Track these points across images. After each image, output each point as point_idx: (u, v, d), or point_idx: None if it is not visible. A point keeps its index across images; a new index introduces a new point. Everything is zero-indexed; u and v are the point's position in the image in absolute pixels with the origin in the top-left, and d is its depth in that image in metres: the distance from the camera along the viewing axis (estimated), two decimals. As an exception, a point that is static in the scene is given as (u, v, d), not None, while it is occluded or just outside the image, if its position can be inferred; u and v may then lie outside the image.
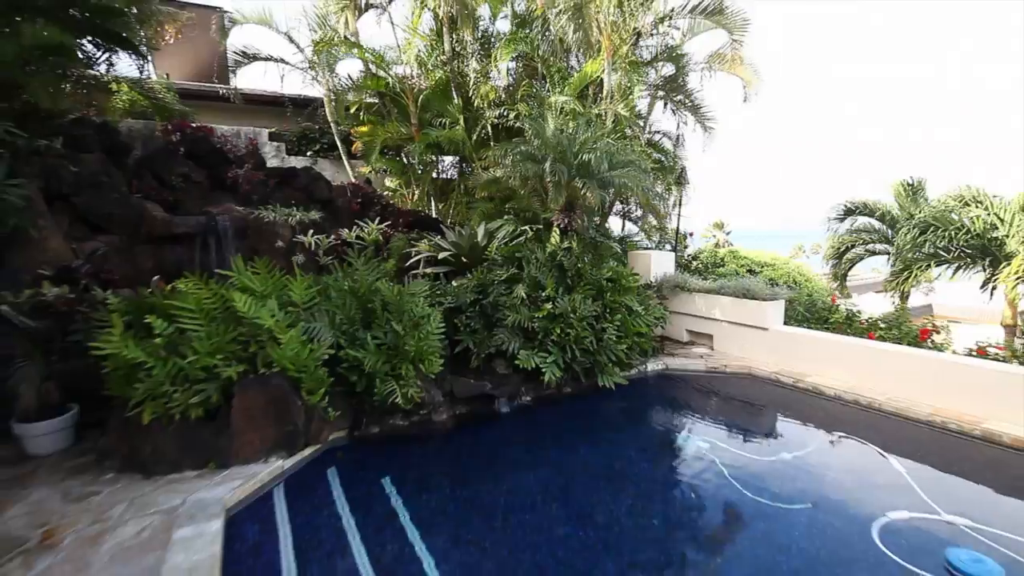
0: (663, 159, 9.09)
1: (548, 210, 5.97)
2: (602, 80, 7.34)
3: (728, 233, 45.35)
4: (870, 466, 4.01)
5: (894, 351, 5.11)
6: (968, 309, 15.69)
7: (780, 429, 4.97)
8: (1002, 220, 10.77)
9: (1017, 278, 9.70)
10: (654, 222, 9.99)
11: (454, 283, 5.90)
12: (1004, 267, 10.09)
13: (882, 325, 5.95)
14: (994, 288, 10.07)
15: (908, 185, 13.15)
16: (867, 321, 6.16)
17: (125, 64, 7.68)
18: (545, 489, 3.83)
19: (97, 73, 7.39)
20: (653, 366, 6.19)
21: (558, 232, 6.15)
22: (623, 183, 5.51)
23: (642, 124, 8.56)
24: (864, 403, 4.97)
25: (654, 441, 4.90)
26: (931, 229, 10.29)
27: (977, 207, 11.14)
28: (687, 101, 8.59)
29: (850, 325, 6.13)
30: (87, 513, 3.08)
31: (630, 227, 9.67)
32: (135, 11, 7.12)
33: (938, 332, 5.70)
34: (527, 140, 5.98)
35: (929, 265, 11.33)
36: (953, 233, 10.44)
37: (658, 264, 7.38)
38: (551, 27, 6.49)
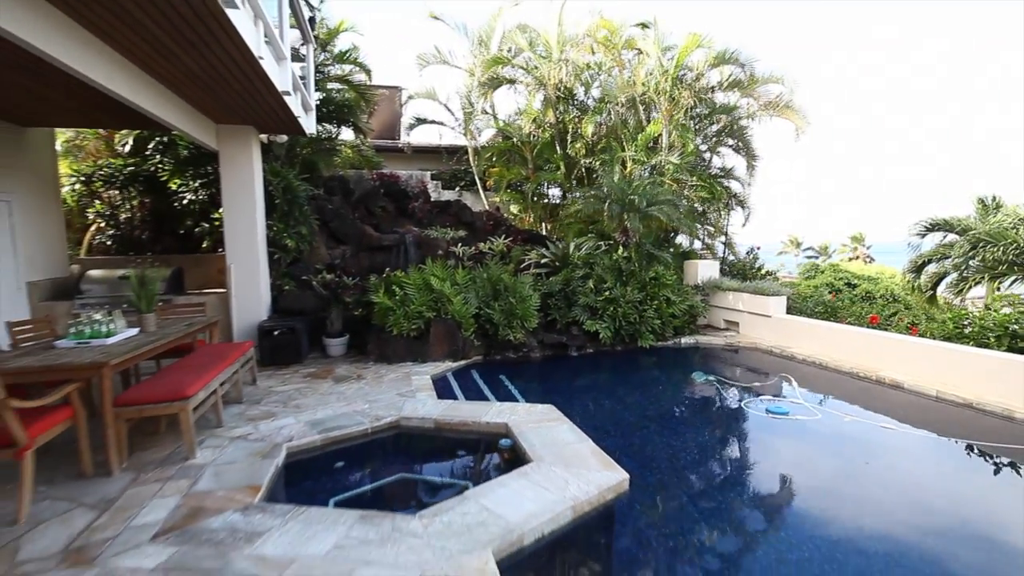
0: (726, 188, 11.46)
1: (614, 231, 8.91)
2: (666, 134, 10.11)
3: (868, 247, 43.36)
4: (782, 389, 6.43)
5: (842, 329, 7.30)
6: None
7: (756, 375, 7.36)
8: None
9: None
10: (722, 238, 12.33)
11: (551, 278, 9.07)
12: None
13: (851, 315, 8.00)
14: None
15: (982, 202, 13.76)
16: (844, 311, 8.22)
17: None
18: (597, 388, 6.83)
19: (337, 143, 11.73)
20: (687, 340, 8.81)
21: (620, 246, 9.07)
22: (655, 215, 8.31)
23: (704, 164, 11.09)
24: (817, 363, 7.24)
25: (675, 373, 7.60)
26: (981, 244, 11.31)
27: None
28: (740, 144, 10.96)
29: (834, 314, 8.21)
30: (370, 372, 6.77)
31: (695, 242, 12.08)
32: (363, 103, 11.35)
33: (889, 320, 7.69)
34: (597, 184, 8.99)
35: (983, 277, 12.27)
36: (1004, 248, 11.38)
37: (704, 270, 9.91)
38: (611, 113, 9.49)
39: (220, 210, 7.99)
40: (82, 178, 9.02)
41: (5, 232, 7.01)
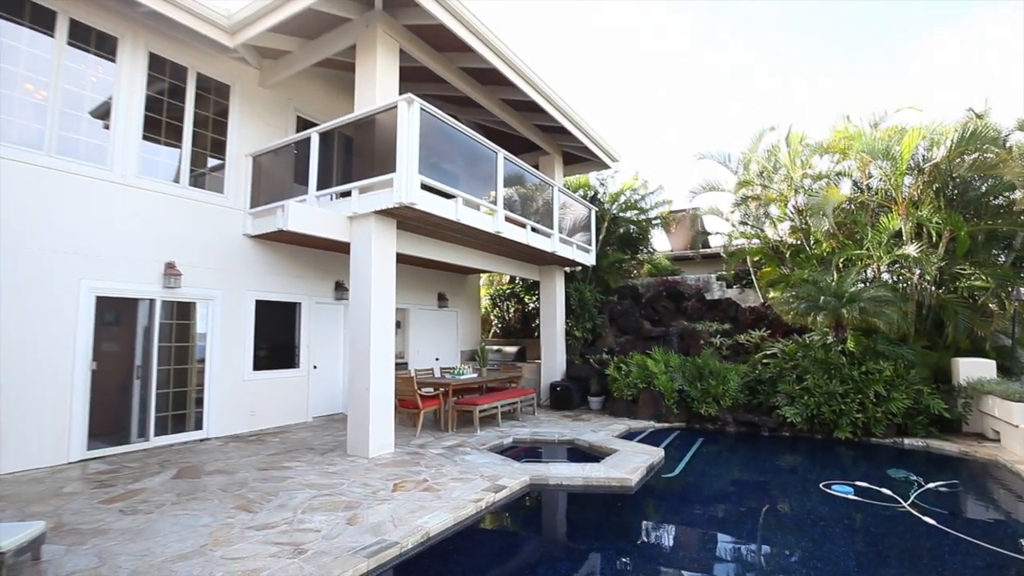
0: None
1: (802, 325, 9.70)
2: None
3: None
4: (953, 492, 6.34)
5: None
6: None
7: (959, 482, 6.96)
8: None
9: None
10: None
11: (769, 366, 10.46)
12: None
13: None
14: None
15: None
16: None
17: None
18: (775, 465, 8.29)
19: (638, 259, 16.04)
20: (912, 441, 8.47)
21: (840, 341, 9.65)
22: (841, 312, 8.71)
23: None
24: (1037, 481, 6.40)
25: (867, 464, 7.85)
26: None
27: None
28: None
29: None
30: (595, 419, 10.42)
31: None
32: (647, 232, 15.41)
33: None
34: (811, 285, 9.92)
35: None
36: None
37: (969, 369, 8.96)
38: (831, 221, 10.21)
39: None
40: (490, 296, 16.47)
41: (452, 327, 14.33)
